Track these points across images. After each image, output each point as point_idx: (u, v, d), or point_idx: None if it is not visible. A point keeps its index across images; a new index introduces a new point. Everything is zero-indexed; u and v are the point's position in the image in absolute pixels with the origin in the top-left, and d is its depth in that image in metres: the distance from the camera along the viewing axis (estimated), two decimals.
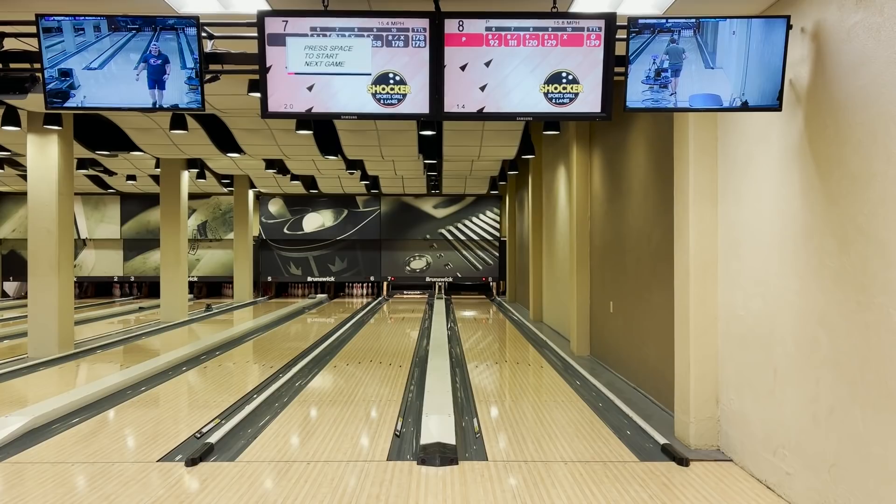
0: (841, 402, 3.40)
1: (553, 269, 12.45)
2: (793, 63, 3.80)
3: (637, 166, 6.89)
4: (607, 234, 8.10)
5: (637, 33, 3.69)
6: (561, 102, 3.80)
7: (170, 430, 5.44)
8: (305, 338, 11.62)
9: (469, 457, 4.72)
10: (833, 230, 3.46)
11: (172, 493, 4.05)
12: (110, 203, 20.68)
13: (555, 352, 9.49)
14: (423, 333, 11.83)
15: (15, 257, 20.88)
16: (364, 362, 8.79)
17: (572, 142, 9.40)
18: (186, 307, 14.62)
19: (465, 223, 21.07)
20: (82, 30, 3.71)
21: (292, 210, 20.96)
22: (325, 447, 4.97)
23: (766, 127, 4.16)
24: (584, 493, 4.03)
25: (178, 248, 14.20)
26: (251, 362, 8.95)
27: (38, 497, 4.01)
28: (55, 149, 9.31)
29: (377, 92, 3.78)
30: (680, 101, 3.78)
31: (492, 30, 3.74)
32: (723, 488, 4.13)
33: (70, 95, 3.79)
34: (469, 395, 6.77)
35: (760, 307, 4.22)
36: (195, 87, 3.82)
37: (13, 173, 15.76)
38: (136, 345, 10.59)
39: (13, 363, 8.60)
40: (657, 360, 6.22)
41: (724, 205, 4.73)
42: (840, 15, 3.42)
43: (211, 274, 20.91)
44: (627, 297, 7.28)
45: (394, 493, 4.04)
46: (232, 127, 10.24)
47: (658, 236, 6.19)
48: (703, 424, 4.85)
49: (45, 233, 9.25)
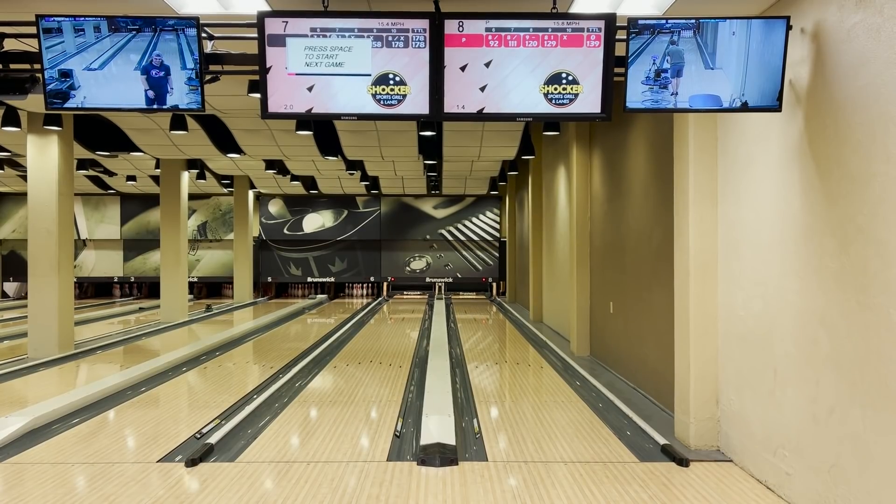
0: (841, 402, 3.40)
1: (553, 269, 12.45)
2: (793, 63, 3.80)
3: (637, 166, 6.89)
4: (607, 235, 8.10)
5: (637, 34, 3.69)
6: (561, 103, 3.81)
7: (170, 431, 5.44)
8: (305, 338, 11.62)
9: (469, 457, 4.72)
10: (833, 230, 3.46)
11: (172, 493, 4.05)
12: (110, 203, 20.68)
13: (555, 352, 9.49)
14: (423, 334, 11.83)
15: (15, 257, 20.88)
16: (364, 363, 8.79)
17: (572, 142, 9.41)
18: (186, 308, 14.62)
19: (465, 223, 21.08)
20: (82, 30, 3.71)
21: (292, 210, 20.96)
22: (325, 447, 4.98)
23: (766, 127, 4.16)
24: (584, 494, 4.03)
25: (178, 248, 14.20)
26: (251, 363, 8.95)
27: (38, 497, 4.01)
28: (55, 149, 9.32)
29: (377, 92, 3.79)
30: (680, 102, 3.78)
31: (492, 30, 3.74)
32: (723, 489, 4.13)
33: (70, 96, 3.79)
34: (469, 395, 6.77)
35: (760, 307, 4.23)
36: (195, 87, 3.82)
37: (13, 174, 15.76)
38: (136, 345, 10.59)
39: (13, 363, 8.60)
40: (657, 360, 6.22)
41: (724, 205, 4.73)
42: (840, 15, 3.42)
43: (211, 274, 20.91)
44: (627, 297, 7.28)
45: (394, 493, 4.04)
46: (232, 127, 10.25)
47: (658, 236, 6.19)
48: (703, 425, 4.85)
49: (45, 233, 9.25)
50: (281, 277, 21.10)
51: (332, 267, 21.11)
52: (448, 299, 19.54)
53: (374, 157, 12.56)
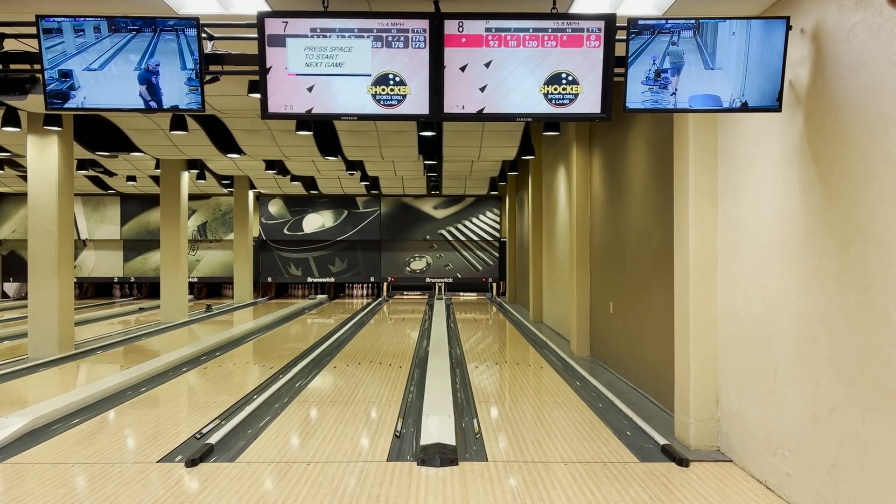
0: (841, 403, 3.40)
1: (553, 269, 12.45)
2: (792, 64, 3.80)
3: (637, 167, 6.89)
4: (607, 235, 8.10)
5: (637, 34, 3.69)
6: (561, 103, 3.81)
7: (170, 431, 5.44)
8: (305, 338, 11.62)
9: (469, 457, 4.72)
10: (833, 230, 3.46)
11: (172, 493, 4.05)
12: (110, 204, 20.68)
13: (555, 352, 9.49)
14: (423, 334, 11.83)
15: (15, 258, 20.88)
16: (364, 363, 8.79)
17: (572, 142, 9.41)
18: (186, 308, 14.62)
19: (465, 224, 21.08)
20: (82, 31, 3.71)
21: (292, 211, 20.96)
22: (325, 448, 4.98)
23: (766, 127, 4.16)
24: (584, 494, 4.03)
25: (179, 248, 14.20)
26: (251, 363, 8.96)
27: (38, 498, 4.01)
28: (55, 149, 9.32)
29: (377, 93, 3.79)
30: (680, 102, 3.78)
31: (492, 31, 3.74)
32: (723, 489, 4.13)
33: (70, 96, 3.79)
34: (469, 395, 6.77)
35: (760, 307, 4.23)
36: (195, 87, 3.82)
37: (13, 174, 15.76)
38: (136, 345, 10.60)
39: (13, 364, 8.60)
40: (657, 360, 6.22)
41: (724, 205, 4.73)
42: (840, 16, 3.42)
43: (211, 274, 20.91)
44: (627, 297, 7.28)
45: (394, 493, 4.04)
46: (232, 128, 10.25)
47: (658, 236, 6.19)
48: (703, 425, 4.85)
49: (45, 233, 9.25)
50: (281, 278, 21.10)
51: (332, 267, 21.11)
52: (448, 299, 19.54)
53: (374, 158, 12.55)
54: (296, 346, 10.58)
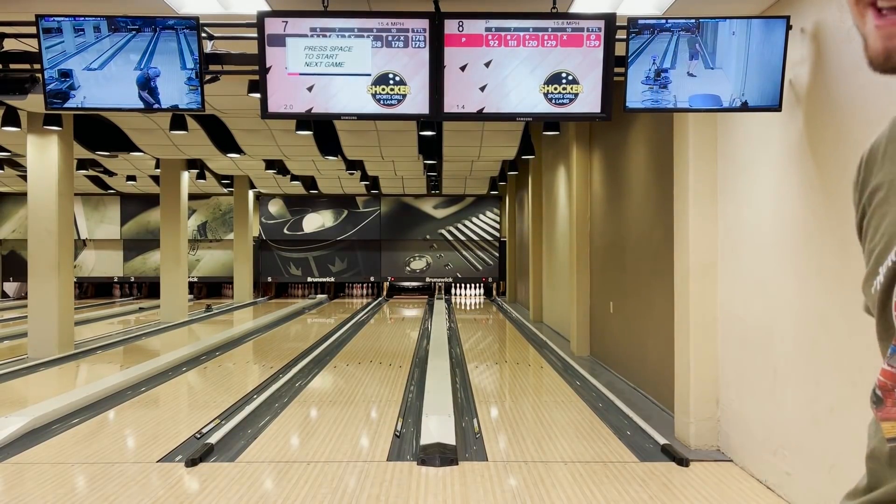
0: (841, 402, 3.39)
1: (553, 269, 12.45)
2: (793, 63, 3.79)
3: (637, 166, 6.89)
4: (607, 235, 8.10)
5: (637, 34, 3.69)
6: (561, 103, 3.80)
7: (170, 431, 5.44)
8: (305, 338, 11.62)
9: (469, 457, 4.72)
10: (833, 230, 3.46)
11: (172, 493, 4.05)
12: (110, 203, 20.66)
13: (555, 352, 9.48)
14: (423, 334, 11.82)
15: (15, 258, 20.88)
16: (364, 363, 8.79)
17: (572, 142, 9.40)
18: (186, 307, 14.61)
19: (465, 223, 21.06)
20: (82, 30, 3.71)
21: (292, 210, 20.95)
22: (325, 448, 4.97)
23: (766, 127, 4.16)
24: (584, 494, 4.03)
25: (178, 248, 14.19)
26: (251, 363, 8.96)
27: (38, 498, 4.00)
28: (55, 149, 9.31)
29: (377, 92, 3.78)
30: (680, 102, 3.78)
31: (492, 30, 3.74)
32: (723, 489, 4.13)
33: (70, 96, 3.79)
34: (469, 395, 6.77)
35: (760, 307, 4.22)
36: (195, 87, 3.82)
37: (13, 173, 15.76)
38: (136, 345, 10.60)
39: (13, 364, 8.59)
40: (657, 360, 6.22)
41: (724, 205, 4.73)
42: (840, 15, 3.42)
43: (211, 274, 20.91)
44: (627, 297, 7.28)
45: (394, 493, 4.04)
46: (232, 127, 10.24)
47: (658, 236, 6.19)
48: (702, 425, 4.85)
49: (45, 233, 9.24)
50: (281, 277, 21.09)
51: (332, 267, 21.10)
52: (448, 299, 19.54)
53: (374, 157, 12.55)
54: (296, 345, 10.58)
